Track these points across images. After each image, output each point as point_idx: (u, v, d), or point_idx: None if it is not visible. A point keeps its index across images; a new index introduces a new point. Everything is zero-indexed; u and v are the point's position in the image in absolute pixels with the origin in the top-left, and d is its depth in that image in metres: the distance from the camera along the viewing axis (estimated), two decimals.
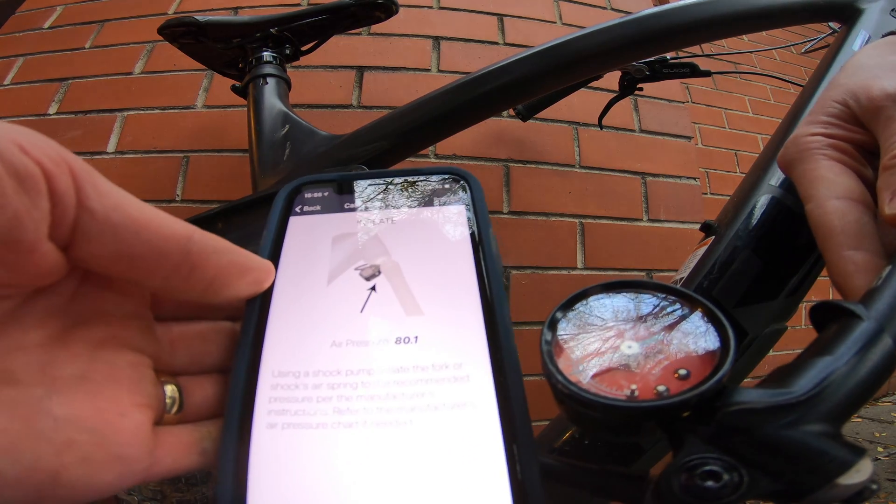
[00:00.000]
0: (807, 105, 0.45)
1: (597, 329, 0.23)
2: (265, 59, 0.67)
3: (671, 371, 0.20)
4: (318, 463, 0.17)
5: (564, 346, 0.24)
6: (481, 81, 0.52)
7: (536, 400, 0.96)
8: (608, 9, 1.24)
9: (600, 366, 0.22)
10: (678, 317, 0.22)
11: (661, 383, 0.20)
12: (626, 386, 0.20)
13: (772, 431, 0.17)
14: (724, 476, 0.17)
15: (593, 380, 0.21)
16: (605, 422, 0.20)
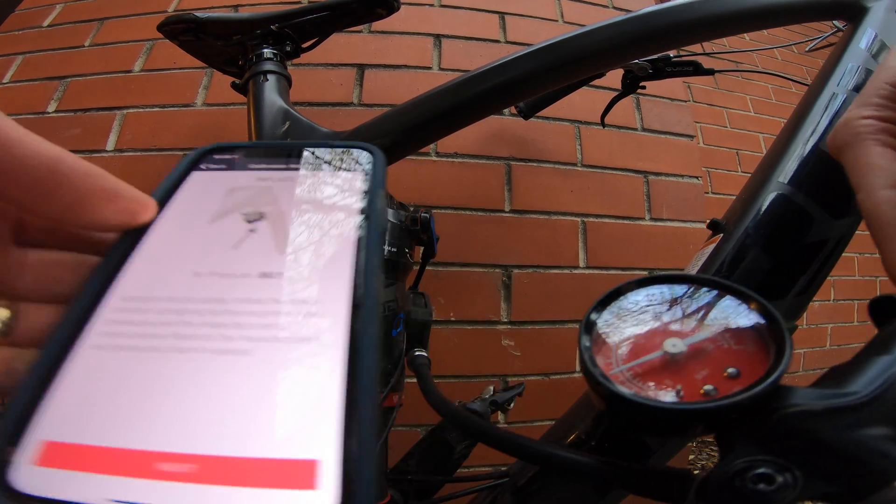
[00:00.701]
0: (813, 104, 0.45)
1: (637, 326, 0.23)
2: (265, 56, 0.66)
3: (720, 369, 0.19)
4: (134, 386, 0.15)
5: (604, 345, 0.23)
6: (482, 79, 0.52)
7: (539, 400, 0.95)
8: (610, 7, 1.23)
9: (643, 365, 0.21)
10: (727, 312, 0.21)
11: (708, 382, 0.19)
12: (672, 386, 0.19)
13: (831, 434, 0.16)
14: (777, 479, 0.16)
15: (636, 380, 0.20)
16: (651, 424, 0.20)
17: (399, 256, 0.48)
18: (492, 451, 0.93)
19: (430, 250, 0.53)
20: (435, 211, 0.96)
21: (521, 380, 0.93)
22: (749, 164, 2.06)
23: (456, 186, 1.00)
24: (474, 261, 0.97)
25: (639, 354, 0.21)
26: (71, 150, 0.18)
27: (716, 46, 1.88)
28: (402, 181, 0.98)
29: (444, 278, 0.95)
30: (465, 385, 0.92)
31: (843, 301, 2.05)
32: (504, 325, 0.95)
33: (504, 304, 0.96)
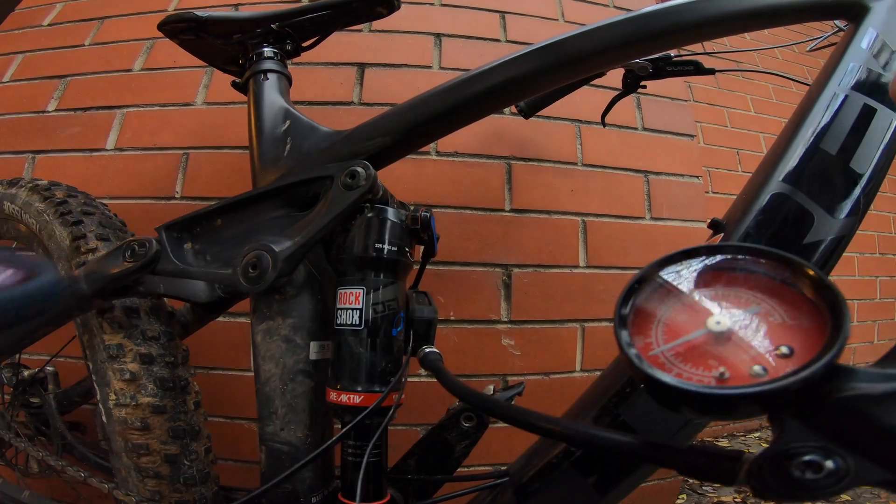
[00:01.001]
0: (814, 104, 0.44)
1: (680, 302, 0.21)
2: (266, 55, 0.66)
3: (771, 347, 0.18)
4: None
5: (644, 323, 0.21)
6: (483, 78, 0.52)
7: (539, 399, 0.95)
8: (611, 6, 1.23)
9: (685, 344, 0.19)
10: (778, 285, 0.20)
11: (757, 362, 0.17)
12: (715, 367, 0.18)
13: (890, 420, 0.15)
14: (825, 465, 0.16)
15: (678, 360, 0.19)
16: (694, 407, 0.18)
17: (399, 255, 0.48)
18: (492, 450, 0.94)
19: (430, 249, 0.53)
20: (435, 210, 0.96)
21: (520, 379, 0.93)
22: (750, 163, 2.06)
23: (456, 185, 0.99)
24: (474, 260, 0.96)
25: (680, 333, 0.20)
26: (71, 149, 0.17)
27: (717, 46, 1.88)
28: (403, 180, 0.98)
29: (444, 277, 0.95)
30: (466, 384, 0.92)
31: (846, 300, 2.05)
32: (504, 324, 0.95)
33: (504, 304, 0.96)
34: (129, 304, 0.55)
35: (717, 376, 0.18)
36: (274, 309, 0.51)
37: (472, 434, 0.51)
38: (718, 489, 1.36)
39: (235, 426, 0.91)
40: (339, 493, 0.47)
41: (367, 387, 0.45)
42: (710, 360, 0.18)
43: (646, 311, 0.21)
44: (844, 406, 0.16)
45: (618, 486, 0.43)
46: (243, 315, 0.93)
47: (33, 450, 0.62)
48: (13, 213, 0.68)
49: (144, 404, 0.50)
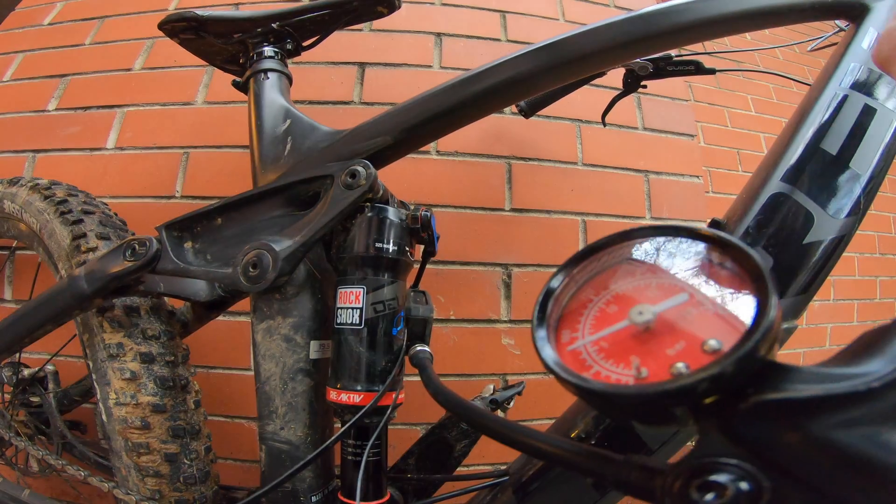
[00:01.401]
0: (814, 104, 0.44)
1: (604, 291, 0.19)
2: (266, 55, 0.66)
3: (699, 342, 0.15)
4: None
5: (570, 315, 0.19)
6: (483, 77, 0.52)
7: (538, 399, 0.95)
8: (611, 6, 1.23)
9: (610, 338, 0.17)
10: (706, 270, 0.17)
11: (681, 358, 0.15)
12: (634, 364, 0.16)
13: (821, 432, 0.12)
14: (729, 488, 0.13)
15: (599, 356, 0.17)
16: (616, 409, 0.16)
17: (400, 255, 0.48)
18: (491, 449, 0.94)
19: (430, 249, 0.53)
20: (435, 209, 0.96)
21: (520, 378, 0.93)
22: (750, 163, 2.06)
23: (456, 185, 0.99)
24: (474, 259, 0.97)
25: (603, 326, 0.18)
26: (71, 149, 0.17)
27: (717, 46, 1.88)
28: (403, 179, 0.98)
29: (444, 277, 0.95)
30: (465, 383, 0.92)
31: (842, 301, 2.05)
32: (504, 323, 0.95)
33: (504, 303, 0.96)
34: (130, 303, 0.55)
35: (635, 375, 0.16)
36: (274, 308, 0.51)
37: (472, 433, 0.51)
38: None
39: (235, 425, 0.91)
40: (339, 493, 0.47)
41: (367, 386, 0.45)
42: (631, 356, 0.16)
43: (578, 303, 0.19)
44: (764, 411, 0.13)
45: None
46: (243, 314, 0.93)
47: (33, 449, 0.62)
48: (13, 212, 0.68)
49: (144, 403, 0.51)
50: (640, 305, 0.17)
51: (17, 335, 0.58)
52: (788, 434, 0.13)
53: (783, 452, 0.13)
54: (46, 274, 0.74)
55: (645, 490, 0.17)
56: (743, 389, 0.14)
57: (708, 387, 0.13)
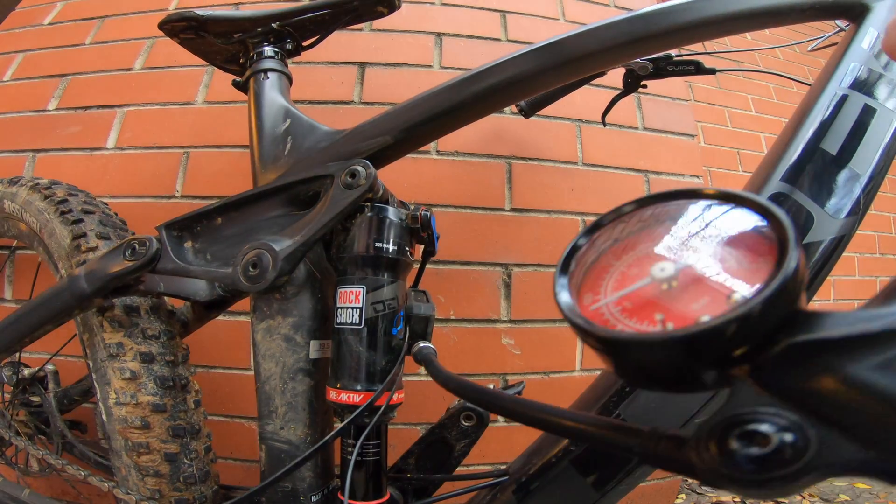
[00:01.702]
0: (814, 104, 0.44)
1: (625, 255, 0.19)
2: (266, 54, 0.66)
3: (722, 296, 0.15)
4: None
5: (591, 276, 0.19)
6: (483, 77, 0.52)
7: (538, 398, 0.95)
8: (611, 6, 1.23)
9: (632, 297, 0.17)
10: (726, 226, 0.17)
11: (707, 312, 0.14)
12: (659, 320, 0.15)
13: (858, 374, 0.11)
14: (773, 438, 0.12)
15: (622, 315, 0.17)
16: (637, 363, 0.16)
17: (399, 254, 0.48)
18: (491, 449, 0.94)
19: (430, 249, 0.53)
20: (435, 209, 0.97)
21: (520, 378, 0.93)
22: (750, 163, 2.06)
23: (456, 185, 0.99)
24: (474, 259, 0.97)
25: (624, 283, 0.18)
26: (71, 148, 0.17)
27: (717, 45, 1.88)
28: (403, 179, 0.98)
29: (444, 276, 0.95)
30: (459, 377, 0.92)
31: (843, 301, 2.05)
32: (504, 323, 0.96)
33: (504, 303, 0.96)
34: (130, 302, 0.55)
35: (660, 330, 0.15)
36: (274, 308, 0.51)
37: (472, 433, 0.51)
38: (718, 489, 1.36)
39: (235, 425, 0.91)
40: (339, 492, 0.47)
41: (366, 386, 0.45)
42: (655, 312, 0.16)
43: (601, 265, 0.19)
44: (797, 355, 0.12)
45: (617, 486, 0.43)
46: (243, 314, 0.93)
47: (33, 448, 0.62)
48: (14, 211, 0.68)
49: (144, 403, 0.51)
50: (662, 262, 0.17)
51: (17, 335, 0.58)
52: (825, 378, 0.12)
53: (822, 399, 0.12)
54: (46, 273, 0.74)
55: (675, 460, 0.16)
56: (773, 336, 0.13)
57: (736, 330, 0.13)
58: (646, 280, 0.17)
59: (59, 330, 0.57)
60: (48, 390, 0.76)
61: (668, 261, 0.17)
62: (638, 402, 0.42)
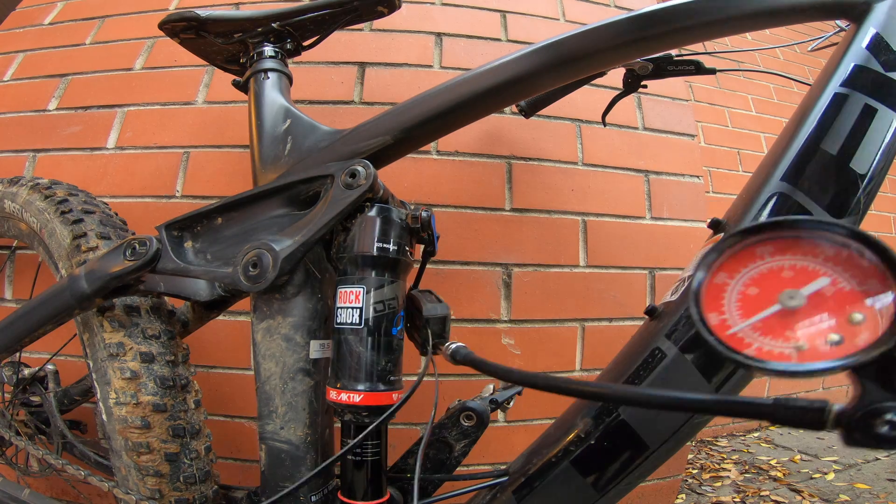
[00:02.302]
0: (814, 104, 0.44)
1: (752, 277, 0.22)
2: (267, 54, 0.66)
3: (844, 317, 0.19)
4: None
5: (714, 300, 0.22)
6: (484, 77, 0.52)
7: (538, 399, 0.95)
8: (612, 6, 1.23)
9: (760, 317, 0.21)
10: (843, 253, 0.21)
11: (833, 331, 0.19)
12: (793, 339, 0.19)
13: None
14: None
15: (755, 333, 0.20)
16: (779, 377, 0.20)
17: (400, 254, 0.48)
18: (491, 449, 0.93)
19: (430, 248, 0.53)
20: (435, 209, 0.97)
21: None
22: (750, 163, 2.06)
23: (456, 185, 0.99)
24: (475, 259, 0.97)
25: (753, 308, 0.21)
26: (72, 148, 0.17)
27: (717, 45, 1.88)
28: (403, 179, 0.98)
29: (444, 276, 0.95)
30: (465, 383, 0.92)
31: None
32: (504, 323, 0.96)
33: (504, 303, 0.96)
34: (130, 302, 0.55)
35: (795, 348, 0.19)
36: (274, 308, 0.51)
37: (472, 433, 0.51)
38: (717, 489, 1.36)
39: (235, 425, 0.91)
40: (339, 492, 0.48)
41: (367, 385, 0.45)
42: (786, 331, 0.19)
43: (716, 285, 0.22)
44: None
45: (616, 485, 0.43)
46: (243, 314, 0.93)
47: (33, 448, 0.62)
48: (14, 211, 0.68)
49: (145, 403, 0.51)
50: (788, 290, 0.20)
51: (17, 334, 0.58)
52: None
53: None
54: (47, 273, 0.74)
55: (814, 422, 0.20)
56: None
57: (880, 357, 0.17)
58: (776, 307, 0.20)
59: (59, 330, 0.57)
60: (48, 390, 0.76)
61: (793, 288, 0.20)
62: None
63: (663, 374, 0.41)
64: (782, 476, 1.42)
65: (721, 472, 1.47)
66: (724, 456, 1.63)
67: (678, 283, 0.46)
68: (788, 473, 1.44)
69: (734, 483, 1.39)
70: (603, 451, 0.43)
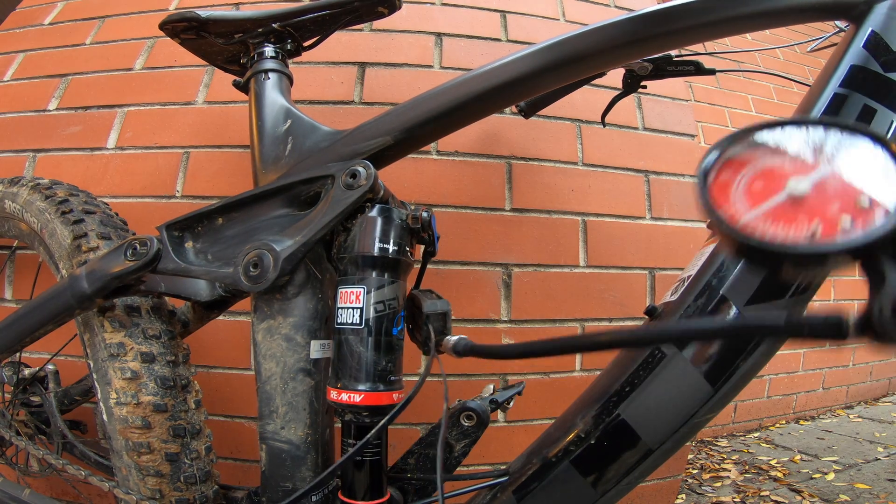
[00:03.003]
0: (814, 104, 0.45)
1: (759, 168, 0.22)
2: (267, 55, 0.66)
3: (851, 201, 0.19)
4: None
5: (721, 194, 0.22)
6: (484, 78, 0.52)
7: (538, 399, 0.95)
8: (612, 6, 1.23)
9: (770, 205, 0.21)
10: (846, 147, 0.21)
11: (844, 212, 0.19)
12: (805, 223, 0.19)
13: None
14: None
15: (765, 222, 0.20)
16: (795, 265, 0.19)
17: (400, 255, 0.48)
18: (491, 449, 0.93)
19: (430, 249, 0.53)
20: (436, 209, 0.97)
21: (520, 378, 0.93)
22: None
23: (456, 185, 1.00)
24: (475, 259, 0.97)
25: (760, 199, 0.21)
26: (72, 148, 0.17)
27: (717, 46, 1.88)
28: (403, 179, 0.98)
29: (444, 277, 0.95)
30: (465, 383, 0.92)
31: (843, 301, 2.06)
32: (504, 323, 0.96)
33: (504, 303, 0.96)
34: (131, 302, 0.55)
35: (810, 233, 0.19)
36: (275, 308, 0.51)
37: (472, 433, 0.51)
38: (717, 489, 1.36)
39: (236, 425, 0.91)
40: (339, 492, 0.48)
41: (367, 386, 0.45)
42: (798, 216, 0.20)
43: (723, 181, 0.23)
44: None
45: (616, 485, 0.43)
46: (244, 314, 0.93)
47: (33, 448, 0.62)
48: (14, 211, 0.68)
49: (145, 403, 0.51)
50: (795, 177, 0.21)
51: (17, 335, 0.58)
52: None
53: None
54: (47, 274, 0.74)
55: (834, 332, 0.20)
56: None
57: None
58: (783, 194, 0.21)
59: (59, 330, 0.57)
60: (48, 390, 0.76)
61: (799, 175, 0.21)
62: (637, 403, 0.42)
63: (663, 375, 0.41)
64: (782, 476, 1.42)
65: (721, 472, 1.47)
66: (724, 456, 1.63)
67: (678, 283, 0.46)
68: (788, 473, 1.45)
69: (734, 483, 1.39)
70: (603, 451, 0.43)
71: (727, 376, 0.40)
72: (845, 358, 2.11)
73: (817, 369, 2.04)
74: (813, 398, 2.05)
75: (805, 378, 2.01)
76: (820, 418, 2.03)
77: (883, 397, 2.27)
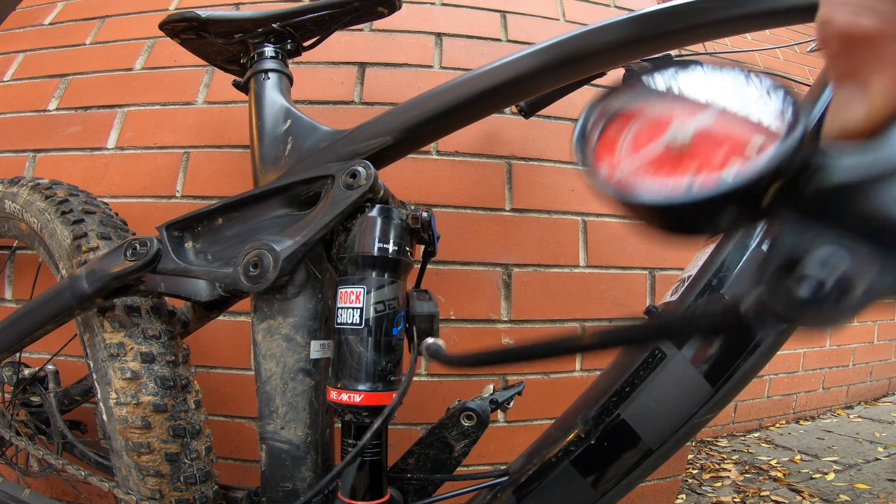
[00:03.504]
0: (814, 104, 0.45)
1: (640, 114, 0.20)
2: (267, 55, 0.66)
3: (741, 146, 0.16)
4: None
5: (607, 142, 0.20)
6: (484, 78, 0.52)
7: (538, 399, 0.95)
8: (612, 6, 1.23)
9: (653, 155, 0.18)
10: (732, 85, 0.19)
11: (731, 161, 0.16)
12: (684, 172, 0.17)
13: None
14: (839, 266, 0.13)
15: (646, 172, 0.18)
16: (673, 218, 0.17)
17: (400, 255, 0.48)
18: (491, 449, 0.94)
19: (430, 249, 0.53)
20: (436, 209, 0.97)
21: (520, 378, 0.93)
22: None
23: (457, 185, 1.00)
24: (475, 259, 0.97)
25: (643, 145, 0.19)
26: (72, 148, 0.17)
27: (717, 46, 1.88)
28: (403, 179, 0.98)
29: (444, 277, 0.95)
30: (466, 383, 0.92)
31: None
32: (504, 323, 0.96)
33: (504, 303, 0.96)
34: (130, 302, 0.55)
35: (686, 183, 0.16)
36: (275, 308, 0.51)
37: (472, 433, 0.51)
38: (717, 489, 1.36)
39: (236, 425, 0.91)
40: (339, 492, 0.48)
41: (367, 386, 0.45)
42: (678, 168, 0.17)
43: (611, 133, 0.21)
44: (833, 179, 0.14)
45: (616, 485, 0.43)
46: (244, 314, 0.93)
47: (33, 448, 0.62)
48: (14, 211, 0.68)
49: (145, 403, 0.51)
50: (674, 124, 0.18)
51: (17, 335, 0.58)
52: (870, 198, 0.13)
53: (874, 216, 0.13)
54: (47, 274, 0.74)
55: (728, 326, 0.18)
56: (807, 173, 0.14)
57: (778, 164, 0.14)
58: (661, 141, 0.18)
59: (59, 330, 0.57)
60: (48, 390, 0.76)
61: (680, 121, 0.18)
62: (637, 403, 0.42)
63: (663, 375, 0.41)
64: (782, 476, 1.42)
65: (721, 473, 1.47)
66: (724, 456, 1.63)
67: (678, 283, 0.46)
68: (788, 473, 1.45)
69: (734, 483, 1.39)
70: (603, 451, 0.43)
71: (727, 376, 0.40)
72: (845, 358, 2.11)
73: (817, 369, 2.04)
74: (813, 398, 2.05)
75: (805, 378, 2.01)
76: (820, 418, 2.03)
77: (883, 397, 2.27)
